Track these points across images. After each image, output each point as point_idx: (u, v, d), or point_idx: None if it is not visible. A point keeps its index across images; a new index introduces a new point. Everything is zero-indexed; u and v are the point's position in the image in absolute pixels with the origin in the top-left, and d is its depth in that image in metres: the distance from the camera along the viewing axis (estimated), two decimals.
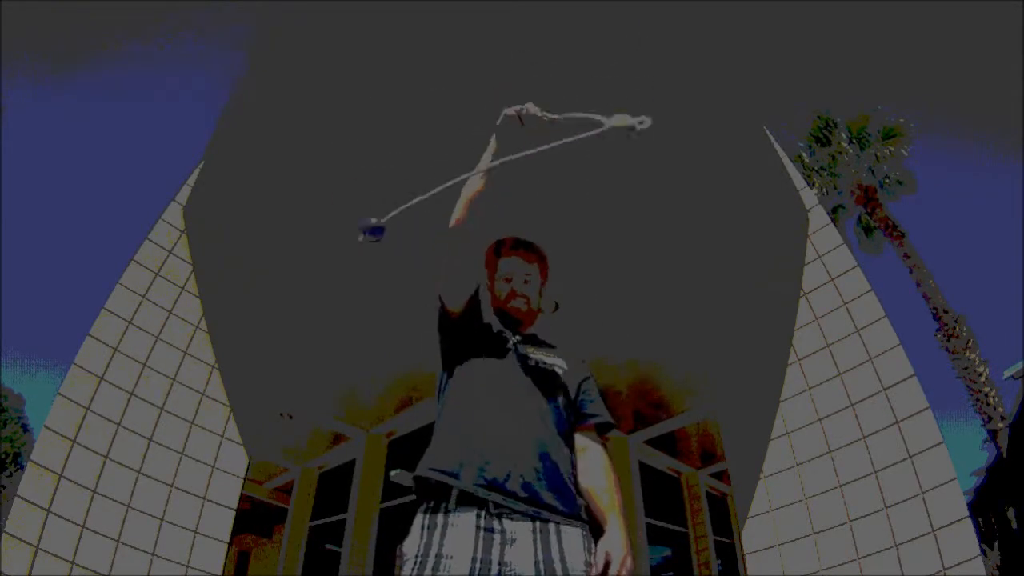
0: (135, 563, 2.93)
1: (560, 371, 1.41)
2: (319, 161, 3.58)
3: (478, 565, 1.09)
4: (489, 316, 1.50)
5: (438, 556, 1.11)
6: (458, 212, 1.40)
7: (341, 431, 6.38)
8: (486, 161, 1.41)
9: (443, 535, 1.14)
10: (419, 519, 1.20)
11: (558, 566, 1.12)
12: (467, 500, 1.17)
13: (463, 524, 1.14)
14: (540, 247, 1.61)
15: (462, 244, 1.40)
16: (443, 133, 3.37)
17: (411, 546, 1.17)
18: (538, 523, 1.17)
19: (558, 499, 1.21)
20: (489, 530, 1.14)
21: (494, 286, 1.57)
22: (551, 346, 1.52)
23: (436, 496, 1.20)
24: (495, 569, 1.10)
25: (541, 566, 1.11)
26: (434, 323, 1.50)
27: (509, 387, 1.33)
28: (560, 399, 1.37)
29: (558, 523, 1.18)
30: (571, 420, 1.40)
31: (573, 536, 1.18)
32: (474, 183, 1.40)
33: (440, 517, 1.17)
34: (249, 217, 3.81)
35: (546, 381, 1.36)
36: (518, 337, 1.46)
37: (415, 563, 1.13)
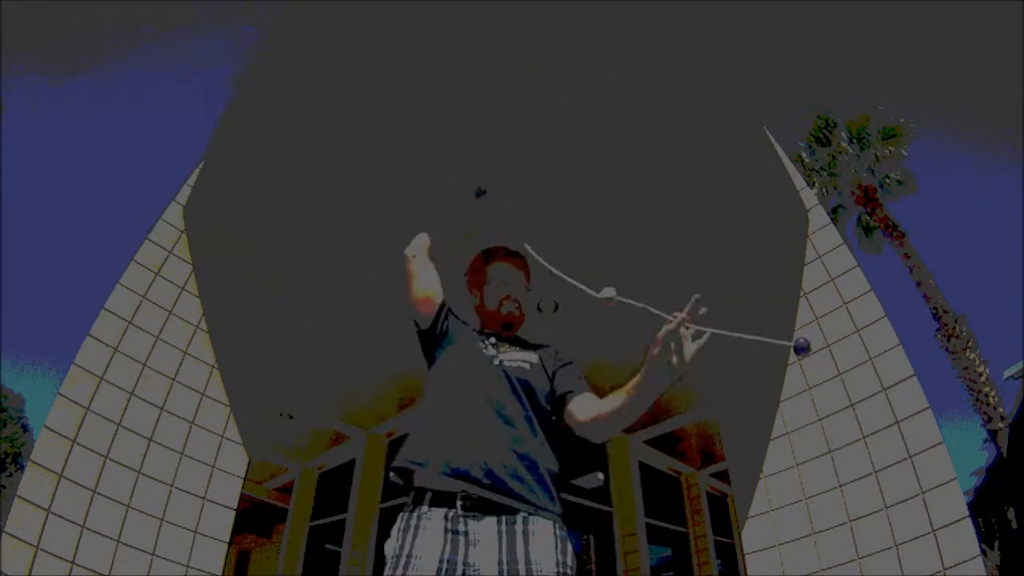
0: (135, 563, 2.93)
1: (528, 366, 1.42)
2: (320, 161, 3.58)
3: (444, 565, 1.13)
4: (459, 325, 1.54)
5: (409, 556, 1.15)
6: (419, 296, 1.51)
7: (341, 431, 6.38)
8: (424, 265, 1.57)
9: (415, 537, 1.18)
10: (397, 522, 1.25)
11: (522, 567, 1.13)
12: (438, 502, 1.21)
13: (432, 526, 1.18)
14: (523, 256, 1.68)
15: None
16: (443, 133, 3.37)
17: (389, 548, 1.22)
18: (504, 523, 1.18)
19: (528, 490, 1.22)
20: (455, 532, 1.17)
21: (484, 293, 1.62)
22: (536, 345, 1.54)
23: (413, 500, 1.25)
24: (460, 569, 1.13)
25: (504, 567, 1.13)
26: None
27: (477, 387, 1.36)
28: (534, 395, 1.38)
29: (527, 518, 1.19)
30: (553, 411, 1.42)
31: (543, 534, 1.19)
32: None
33: (414, 519, 1.21)
34: (249, 217, 3.81)
35: (517, 379, 1.38)
36: (492, 339, 1.50)
37: (392, 564, 1.17)
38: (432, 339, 1.50)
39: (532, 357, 1.46)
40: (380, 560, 5.65)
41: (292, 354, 4.69)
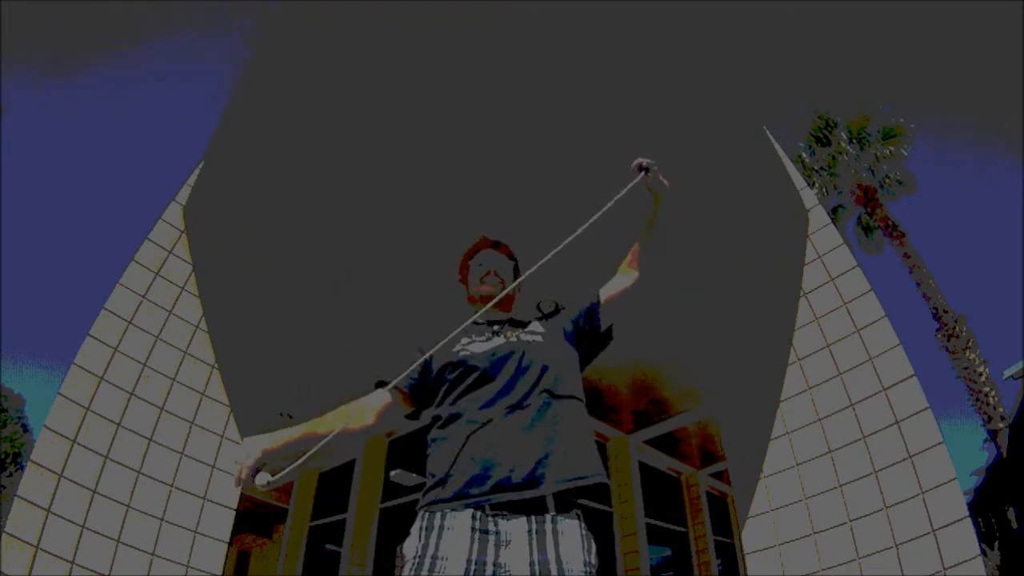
0: (135, 563, 2.93)
1: (540, 338, 1.40)
2: (320, 161, 3.58)
3: (472, 566, 1.10)
4: (429, 362, 1.45)
5: (434, 557, 1.12)
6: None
7: None
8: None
9: (439, 536, 1.14)
10: (418, 521, 1.21)
11: (554, 567, 1.11)
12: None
13: (459, 526, 1.15)
14: (510, 247, 1.71)
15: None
16: (443, 133, 3.37)
17: (410, 548, 1.18)
18: (535, 522, 1.16)
19: (553, 469, 1.19)
20: (484, 531, 1.14)
21: (469, 284, 1.63)
22: (537, 318, 1.53)
23: (434, 499, 1.22)
24: (490, 570, 1.10)
25: (536, 567, 1.10)
26: (432, 321, 1.51)
27: (485, 391, 1.31)
28: (551, 360, 1.36)
29: (556, 517, 1.17)
30: (581, 354, 1.46)
31: (571, 533, 1.17)
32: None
33: (437, 519, 1.17)
34: (249, 217, 3.82)
35: (529, 355, 1.35)
36: (496, 327, 1.46)
37: (413, 564, 1.14)
38: (429, 395, 1.43)
39: (538, 327, 1.45)
40: (380, 560, 5.68)
41: (292, 354, 4.69)
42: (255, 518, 8.27)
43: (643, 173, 1.48)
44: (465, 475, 1.19)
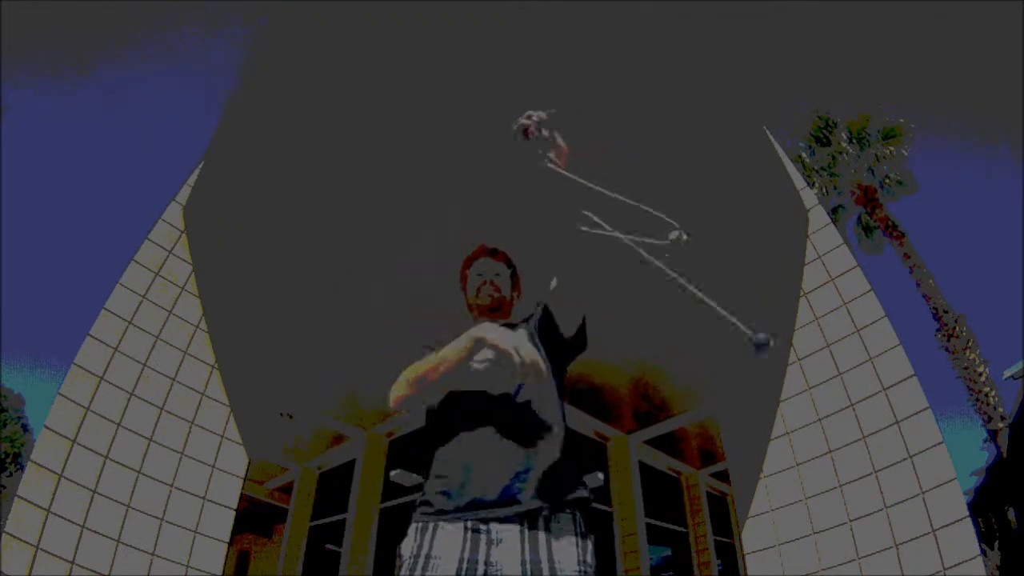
0: (135, 563, 2.93)
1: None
2: (319, 161, 3.58)
3: (465, 565, 1.12)
4: None
5: (427, 556, 1.14)
6: (403, 389, 1.36)
7: (341, 431, 6.39)
8: (457, 349, 1.29)
9: (433, 536, 1.17)
10: (414, 522, 1.24)
11: (545, 566, 1.12)
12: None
13: (452, 526, 1.17)
14: (507, 254, 1.71)
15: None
16: (443, 133, 3.38)
17: (406, 548, 1.20)
18: (527, 522, 1.17)
19: (538, 494, 1.20)
20: (476, 531, 1.16)
21: (467, 290, 1.65)
22: (524, 320, 1.55)
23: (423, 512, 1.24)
24: (481, 569, 1.12)
25: (528, 566, 1.12)
26: (433, 321, 1.52)
27: (474, 403, 1.33)
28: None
29: (549, 517, 1.18)
30: (558, 369, 1.45)
31: (566, 533, 1.18)
32: (434, 364, 1.33)
33: (432, 520, 1.20)
34: (249, 217, 3.82)
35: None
36: None
37: (409, 564, 1.16)
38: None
39: (523, 336, 1.46)
40: (380, 560, 5.68)
41: (292, 354, 4.69)
42: (255, 518, 8.27)
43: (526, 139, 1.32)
44: (447, 491, 1.21)
